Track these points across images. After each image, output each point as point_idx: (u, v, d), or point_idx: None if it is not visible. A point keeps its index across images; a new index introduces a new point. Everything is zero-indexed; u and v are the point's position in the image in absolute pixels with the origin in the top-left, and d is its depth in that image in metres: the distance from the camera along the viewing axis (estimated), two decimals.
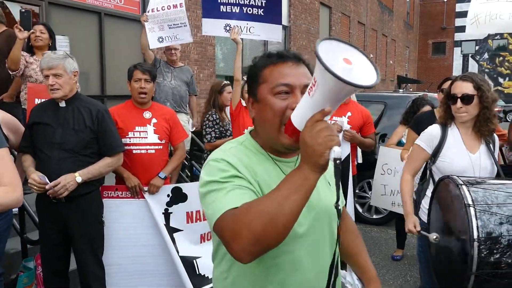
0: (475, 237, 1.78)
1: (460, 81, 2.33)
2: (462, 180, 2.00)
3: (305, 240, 1.26)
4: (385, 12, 23.55)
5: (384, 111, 5.82)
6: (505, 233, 1.78)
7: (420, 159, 2.47)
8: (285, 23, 13.50)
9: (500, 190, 1.92)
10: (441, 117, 2.42)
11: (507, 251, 1.77)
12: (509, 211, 1.83)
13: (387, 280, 4.03)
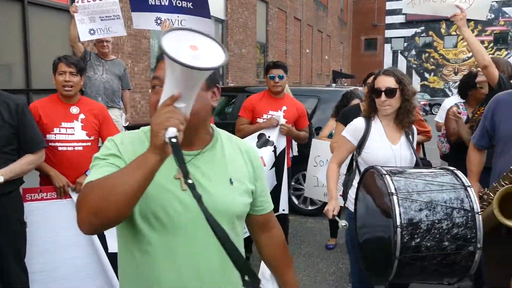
0: (398, 224, 1.88)
1: (383, 75, 2.45)
2: (386, 170, 2.11)
3: (184, 235, 1.27)
4: (320, 8, 24.17)
5: (317, 105, 5.99)
6: (424, 219, 1.91)
7: (346, 150, 2.57)
8: (221, 17, 13.46)
9: (419, 178, 2.05)
10: (365, 111, 2.54)
11: (426, 235, 1.89)
12: (427, 197, 1.95)
13: (321, 268, 4.18)
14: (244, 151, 1.45)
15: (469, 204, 1.95)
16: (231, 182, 1.36)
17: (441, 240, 1.89)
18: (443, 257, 1.92)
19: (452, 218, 1.91)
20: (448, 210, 1.92)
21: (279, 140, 3.91)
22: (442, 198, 1.95)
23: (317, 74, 24.15)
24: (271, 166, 3.85)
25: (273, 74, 3.99)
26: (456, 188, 1.99)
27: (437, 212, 1.91)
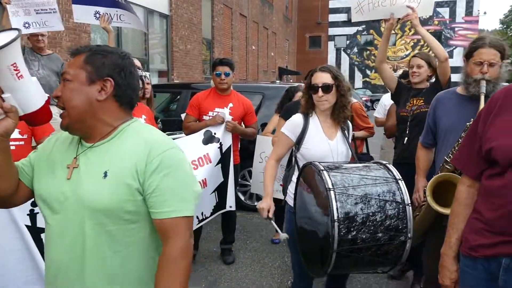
0: (335, 218, 1.94)
1: (319, 72, 2.52)
2: (323, 165, 2.17)
3: (58, 221, 1.39)
4: (265, 5, 24.36)
5: (262, 101, 6.05)
6: (360, 212, 1.99)
7: (285, 146, 2.62)
8: (166, 12, 13.21)
9: (355, 173, 2.13)
10: (303, 107, 2.60)
11: (361, 228, 1.97)
12: (362, 191, 2.04)
13: (266, 263, 4.24)
14: (147, 147, 1.35)
15: (400, 197, 2.05)
16: (105, 176, 1.33)
17: (375, 232, 1.98)
18: (377, 248, 2.01)
19: (385, 211, 2.00)
20: (381, 203, 2.01)
21: (225, 137, 3.91)
22: (376, 192, 2.04)
23: (263, 70, 24.35)
24: (217, 163, 3.86)
25: (219, 71, 3.99)
26: (388, 181, 2.09)
27: (372, 205, 2.00)
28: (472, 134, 1.75)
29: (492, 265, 1.61)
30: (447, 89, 3.51)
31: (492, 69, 2.48)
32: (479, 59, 2.50)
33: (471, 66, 2.54)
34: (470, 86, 2.54)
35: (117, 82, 1.38)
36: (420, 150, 2.96)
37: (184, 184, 1.37)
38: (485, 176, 1.68)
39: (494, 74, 2.49)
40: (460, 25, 31.73)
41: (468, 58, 2.57)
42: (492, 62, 2.48)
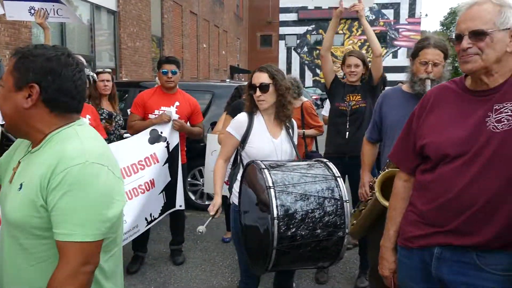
0: (275, 216, 1.97)
1: (258, 72, 2.56)
2: (265, 164, 2.20)
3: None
4: (216, 4, 24.25)
5: (212, 100, 6.03)
6: (299, 209, 2.03)
7: (231, 145, 2.62)
8: (113, 8, 12.84)
9: (296, 171, 2.17)
10: (247, 106, 2.62)
11: (300, 225, 2.01)
12: (302, 189, 2.08)
13: (217, 261, 4.23)
14: (55, 160, 1.26)
15: (338, 193, 2.11)
16: (20, 188, 1.30)
17: (314, 228, 2.02)
18: (317, 244, 2.06)
19: (323, 207, 2.05)
20: (320, 200, 2.06)
21: (172, 135, 3.86)
22: (315, 189, 2.09)
23: (214, 69, 24.24)
24: (164, 162, 3.80)
25: (166, 69, 3.93)
26: (327, 179, 2.14)
27: (311, 203, 2.04)
28: (407, 131, 1.83)
29: (426, 255, 1.70)
30: (379, 85, 3.69)
31: (436, 68, 2.60)
32: (424, 59, 2.61)
33: (416, 65, 2.65)
34: (415, 85, 2.66)
35: (44, 87, 1.29)
36: (366, 145, 3.05)
37: (87, 205, 1.24)
38: (419, 171, 1.76)
39: (438, 74, 2.62)
40: (404, 26, 33.12)
41: (414, 58, 2.69)
42: (436, 62, 2.60)
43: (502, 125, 1.51)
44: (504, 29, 1.51)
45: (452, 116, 1.65)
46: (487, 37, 1.51)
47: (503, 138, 1.50)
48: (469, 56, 1.55)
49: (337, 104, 3.73)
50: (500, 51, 1.53)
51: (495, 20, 1.51)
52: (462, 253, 1.61)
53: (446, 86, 1.76)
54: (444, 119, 1.67)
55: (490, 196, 1.51)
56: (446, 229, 1.62)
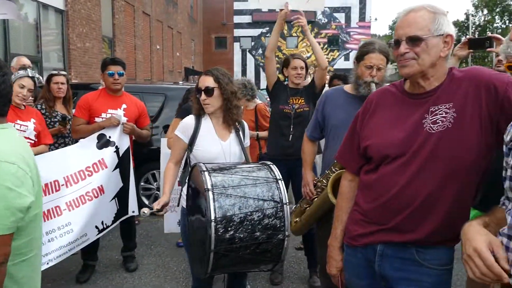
0: (212, 218, 1.98)
1: (204, 75, 2.58)
2: (207, 167, 2.20)
3: None
4: (170, 4, 23.94)
5: (164, 102, 5.95)
6: (238, 212, 2.03)
7: (180, 148, 2.62)
8: (60, 7, 12.37)
9: (237, 174, 2.19)
10: (195, 109, 2.62)
11: (239, 227, 2.02)
12: (241, 192, 2.09)
13: (171, 267, 4.18)
14: None
15: (279, 196, 2.13)
16: None
17: (253, 231, 2.03)
18: (256, 246, 2.07)
19: (263, 210, 2.07)
20: (259, 202, 2.07)
21: (122, 139, 3.77)
22: (255, 192, 2.10)
23: (169, 70, 23.91)
24: (114, 167, 3.70)
25: (112, 70, 3.83)
26: (268, 181, 2.16)
27: (250, 205, 2.06)
28: (352, 132, 1.90)
29: (369, 252, 1.77)
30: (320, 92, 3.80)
31: (379, 72, 2.71)
32: (369, 63, 2.70)
33: (361, 68, 2.74)
34: (360, 87, 2.75)
35: None
36: (306, 143, 3.11)
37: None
38: (363, 171, 1.83)
39: (381, 77, 2.73)
40: (355, 30, 34.08)
41: (359, 61, 2.78)
42: (380, 67, 2.71)
43: (437, 126, 1.59)
44: (438, 35, 1.60)
45: (392, 118, 1.72)
46: (423, 42, 1.59)
47: (438, 139, 1.58)
48: (407, 60, 1.62)
49: (281, 107, 3.77)
50: (435, 56, 1.61)
51: (430, 26, 1.59)
52: (402, 249, 1.68)
53: (387, 90, 1.84)
54: (385, 121, 1.74)
55: (426, 194, 1.59)
56: (387, 227, 1.68)
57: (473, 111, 1.56)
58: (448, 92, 1.62)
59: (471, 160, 1.56)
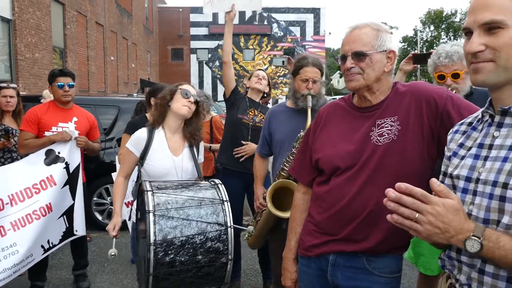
0: (152, 242, 1.93)
1: (187, 84, 2.61)
2: (151, 185, 2.14)
3: None
4: (124, 15, 23.56)
5: (118, 115, 5.83)
6: (179, 235, 1.99)
7: (130, 162, 2.57)
8: (7, 16, 11.88)
9: (183, 194, 2.14)
10: (153, 120, 2.59)
11: (180, 251, 1.98)
12: (184, 214, 2.05)
13: (126, 284, 4.05)
14: None
15: (223, 218, 2.10)
16: None
17: (195, 254, 2.00)
18: (198, 270, 2.04)
19: (205, 233, 2.03)
20: (202, 225, 2.04)
21: (72, 155, 3.64)
22: (198, 214, 2.07)
23: (123, 82, 23.44)
24: (64, 184, 3.56)
25: (62, 82, 3.72)
26: (214, 203, 2.13)
27: (192, 228, 2.02)
28: (304, 146, 1.94)
29: (322, 262, 1.80)
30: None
31: (315, 85, 2.80)
32: (305, 77, 2.79)
33: (298, 82, 2.83)
34: (298, 101, 2.83)
35: None
36: (257, 159, 3.18)
37: None
38: (315, 183, 1.87)
39: (317, 90, 2.81)
40: (310, 43, 34.86)
41: (295, 75, 2.85)
42: (315, 79, 2.80)
43: (384, 138, 1.66)
44: (381, 51, 1.67)
45: (342, 131, 1.77)
46: (367, 58, 1.66)
47: (384, 151, 1.65)
48: (353, 75, 1.69)
49: (239, 116, 3.71)
50: (379, 71, 1.68)
51: (373, 43, 1.66)
52: (353, 258, 1.72)
53: (336, 103, 1.89)
54: (335, 134, 1.79)
55: (374, 204, 1.64)
56: (339, 237, 1.73)
57: (415, 123, 1.63)
58: (393, 106, 1.69)
59: (415, 170, 1.62)
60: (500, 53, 1.09)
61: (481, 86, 1.18)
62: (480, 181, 1.15)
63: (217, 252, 2.04)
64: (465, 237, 1.05)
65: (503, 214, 1.08)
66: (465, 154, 1.24)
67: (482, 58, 1.12)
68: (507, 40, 1.08)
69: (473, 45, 1.12)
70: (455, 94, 1.70)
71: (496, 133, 1.17)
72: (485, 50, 1.11)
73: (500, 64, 1.10)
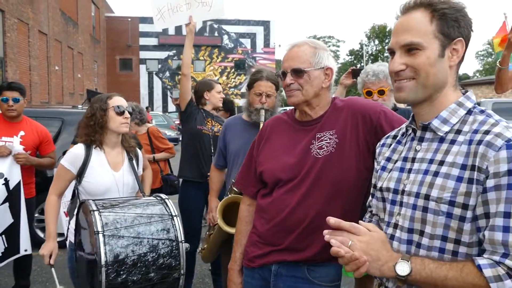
0: (103, 263, 1.88)
1: (118, 97, 2.54)
2: (97, 204, 2.08)
3: None
4: (69, 24, 22.83)
5: (62, 127, 5.63)
6: (131, 254, 1.95)
7: (65, 180, 2.48)
8: None
9: (130, 211, 2.10)
10: (87, 136, 2.48)
11: (132, 270, 1.94)
12: (135, 232, 2.01)
13: None
14: None
15: (174, 234, 2.09)
16: None
17: (148, 272, 1.97)
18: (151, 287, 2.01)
19: (157, 250, 2.01)
20: (154, 242, 2.02)
21: (12, 171, 3.46)
22: (149, 231, 2.04)
23: (69, 93, 22.64)
24: (2, 202, 3.39)
25: (7, 96, 3.58)
26: (163, 219, 2.11)
27: (144, 246, 1.99)
28: (249, 158, 1.98)
29: (266, 272, 1.83)
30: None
31: (269, 99, 2.83)
32: (258, 91, 2.82)
33: (252, 96, 2.86)
34: (252, 114, 2.86)
35: None
36: (213, 171, 3.17)
37: None
38: (259, 195, 1.90)
39: (271, 104, 2.84)
40: (260, 55, 35.36)
41: (250, 89, 2.89)
42: (269, 94, 2.83)
43: (323, 151, 1.73)
44: (319, 68, 1.75)
45: (284, 144, 1.83)
46: (305, 74, 1.73)
47: (323, 163, 1.71)
48: (292, 91, 1.76)
49: (199, 127, 3.68)
50: (317, 86, 1.76)
51: (311, 60, 1.74)
52: (295, 268, 1.77)
53: (280, 118, 1.96)
54: (278, 147, 1.84)
55: (314, 214, 1.70)
56: (281, 247, 1.77)
57: (351, 137, 1.71)
58: (331, 120, 1.77)
59: (352, 182, 1.70)
60: (419, 71, 1.20)
61: (403, 102, 1.28)
62: (405, 193, 1.24)
63: (170, 268, 2.02)
64: (395, 262, 1.14)
65: (425, 224, 1.17)
66: (392, 167, 1.33)
67: (404, 76, 1.22)
68: (424, 60, 1.19)
69: (395, 64, 1.23)
70: (388, 109, 1.80)
71: (418, 147, 1.26)
72: (406, 69, 1.22)
73: (419, 82, 1.21)
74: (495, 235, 1.06)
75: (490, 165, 1.08)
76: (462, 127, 1.19)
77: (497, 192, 1.07)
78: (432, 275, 1.11)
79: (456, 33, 1.19)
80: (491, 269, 1.05)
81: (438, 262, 1.13)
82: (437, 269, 1.11)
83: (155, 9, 3.76)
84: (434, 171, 1.18)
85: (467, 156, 1.13)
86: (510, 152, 1.07)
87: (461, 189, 1.12)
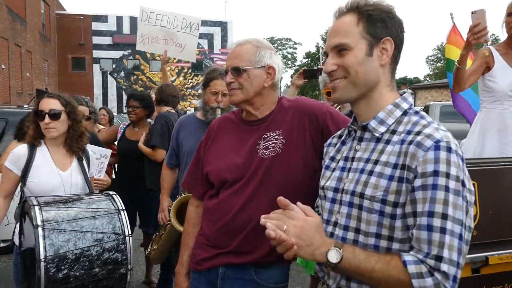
0: (42, 257, 1.82)
1: (47, 98, 2.42)
2: (38, 200, 2.02)
3: None
4: (17, 21, 21.83)
5: (6, 128, 5.39)
6: (72, 248, 1.90)
7: (10, 181, 2.39)
8: None
9: (75, 206, 2.05)
10: (30, 136, 2.42)
11: (74, 265, 1.88)
12: (78, 226, 1.96)
13: None
14: None
15: (121, 228, 2.05)
16: None
17: (91, 267, 1.92)
18: (96, 284, 1.96)
19: (102, 244, 1.96)
20: (98, 236, 1.97)
21: None
22: (93, 225, 1.99)
23: (17, 92, 21.64)
24: None
25: None
26: (110, 213, 2.07)
27: (87, 240, 1.94)
28: (197, 159, 1.95)
29: (213, 275, 1.80)
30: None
31: (225, 98, 2.77)
32: (214, 89, 2.79)
33: (208, 95, 2.82)
34: (208, 113, 2.82)
35: None
36: (165, 170, 3.12)
37: None
38: (207, 196, 1.88)
39: (227, 103, 2.79)
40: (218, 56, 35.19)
41: (205, 88, 2.85)
42: (225, 92, 2.74)
43: (269, 151, 1.73)
44: (260, 67, 1.75)
45: (231, 145, 1.82)
46: (244, 73, 1.73)
47: (269, 164, 1.71)
48: (233, 90, 1.76)
49: None
50: (258, 86, 1.75)
51: (251, 59, 1.74)
52: (242, 270, 1.75)
53: (227, 117, 1.94)
54: (224, 147, 1.83)
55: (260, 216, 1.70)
56: (227, 249, 1.75)
57: (299, 137, 1.72)
58: (278, 120, 1.77)
59: (299, 182, 1.70)
60: (349, 70, 1.25)
61: (337, 102, 1.32)
62: (344, 191, 1.27)
63: (116, 263, 1.96)
64: (327, 249, 1.16)
65: (360, 222, 1.21)
66: (335, 166, 1.36)
67: (336, 76, 1.28)
68: (353, 59, 1.24)
69: (328, 65, 1.28)
70: (334, 110, 1.83)
71: (358, 146, 1.30)
72: (338, 69, 1.27)
73: (350, 80, 1.26)
74: (421, 233, 1.10)
75: (419, 165, 1.12)
76: (397, 127, 1.24)
77: (424, 191, 1.11)
78: (361, 266, 1.14)
79: (384, 33, 1.24)
80: (415, 265, 1.09)
81: (368, 253, 1.16)
82: (366, 259, 1.14)
83: (139, 34, 4.76)
84: (369, 170, 1.22)
85: (398, 156, 1.17)
86: (438, 153, 1.11)
87: (392, 187, 1.16)
